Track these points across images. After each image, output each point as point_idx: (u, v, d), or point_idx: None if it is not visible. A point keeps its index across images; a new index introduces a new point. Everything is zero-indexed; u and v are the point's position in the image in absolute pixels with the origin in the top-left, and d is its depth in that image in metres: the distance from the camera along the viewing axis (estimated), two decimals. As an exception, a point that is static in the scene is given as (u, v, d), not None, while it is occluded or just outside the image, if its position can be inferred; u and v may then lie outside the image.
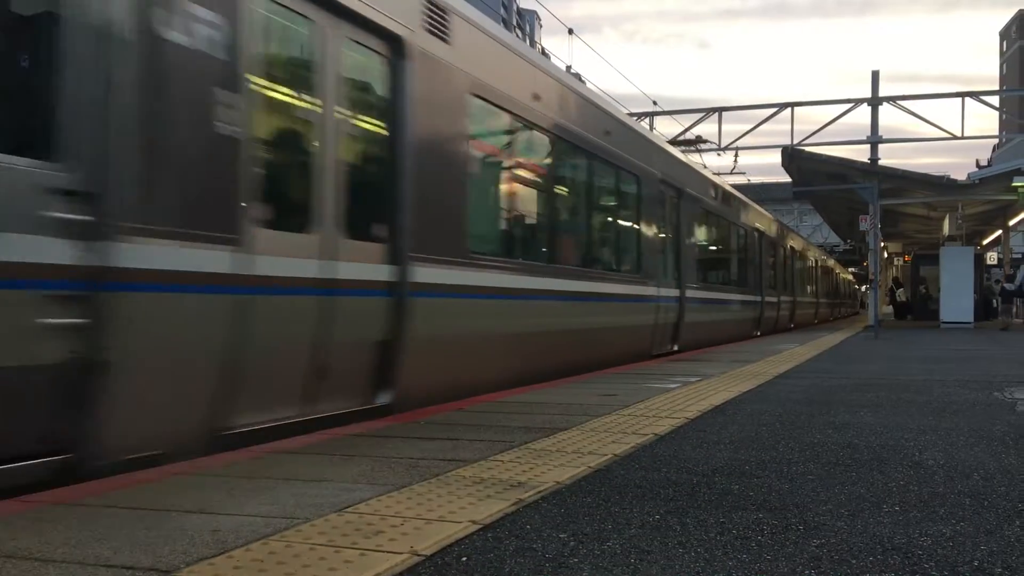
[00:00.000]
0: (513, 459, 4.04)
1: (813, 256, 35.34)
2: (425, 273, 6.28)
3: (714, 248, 18.01)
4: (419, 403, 6.09)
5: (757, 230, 21.48)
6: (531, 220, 9.04)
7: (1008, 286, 25.01)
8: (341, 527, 2.81)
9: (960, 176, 24.51)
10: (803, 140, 26.42)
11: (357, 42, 5.69)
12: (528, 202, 9.01)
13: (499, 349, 7.70)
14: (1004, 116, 33.80)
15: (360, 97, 5.97)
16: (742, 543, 2.71)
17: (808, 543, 2.71)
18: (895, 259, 46.30)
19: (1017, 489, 3.48)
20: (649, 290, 12.07)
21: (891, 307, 40.38)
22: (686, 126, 28.09)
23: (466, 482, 3.52)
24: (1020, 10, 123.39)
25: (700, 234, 16.09)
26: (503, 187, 8.46)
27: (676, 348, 13.33)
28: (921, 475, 3.77)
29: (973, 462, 4.08)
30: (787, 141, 26.05)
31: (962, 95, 25.86)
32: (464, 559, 2.53)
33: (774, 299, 23.33)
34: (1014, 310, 24.37)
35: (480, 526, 2.85)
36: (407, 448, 4.34)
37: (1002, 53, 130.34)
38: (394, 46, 6.02)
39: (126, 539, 2.68)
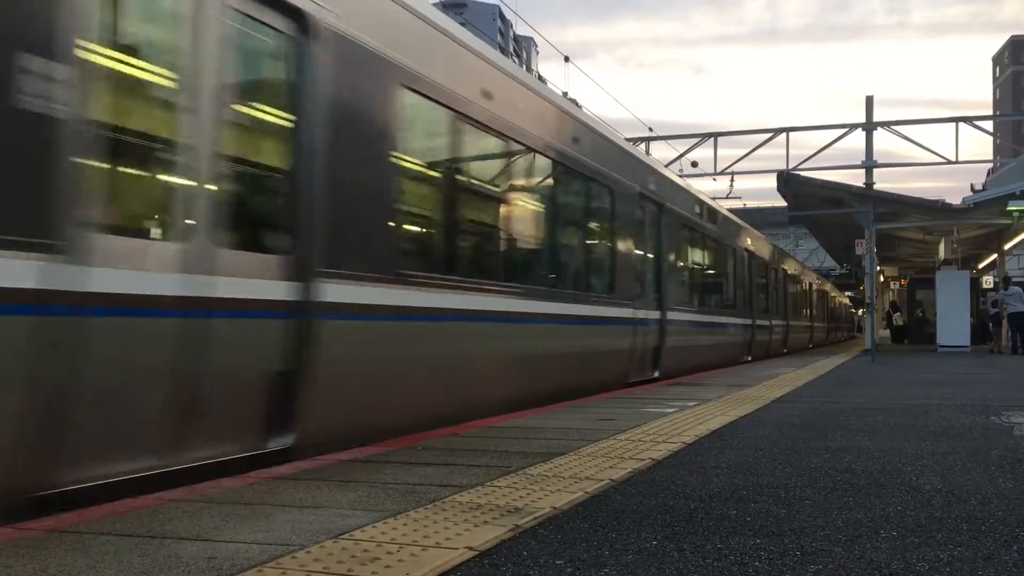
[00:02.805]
0: (510, 484, 4.03)
1: (808, 279, 34.25)
2: (337, 291, 5.35)
3: (701, 268, 16.99)
4: (330, 445, 5.15)
5: (748, 251, 20.75)
6: (478, 232, 8.16)
7: (994, 310, 25.08)
8: (336, 554, 2.80)
9: (955, 200, 24.60)
10: (798, 165, 26.56)
11: (246, 14, 4.83)
12: (477, 212, 8.13)
13: (434, 379, 6.77)
14: (998, 141, 34.02)
15: (250, 79, 5.14)
16: (739, 569, 2.70)
17: (805, 569, 2.70)
18: (891, 283, 46.38)
19: (1015, 514, 3.48)
20: (624, 311, 11.22)
21: (888, 331, 40.42)
22: (682, 151, 28.24)
23: (463, 508, 3.50)
24: (1012, 36, 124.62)
25: (685, 252, 15.26)
26: (443, 195, 7.49)
27: (657, 375, 12.53)
28: (918, 500, 3.76)
29: (970, 487, 4.07)
30: (782, 166, 26.19)
31: (956, 120, 26.04)
32: (460, 586, 2.52)
33: (766, 323, 22.62)
34: (1003, 333, 24.36)
35: (477, 552, 2.84)
36: (403, 474, 4.32)
37: (995, 78, 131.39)
38: (299, 23, 5.18)
39: (121, 567, 2.66)
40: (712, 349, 16.57)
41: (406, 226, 6.65)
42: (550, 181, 9.41)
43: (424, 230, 7.30)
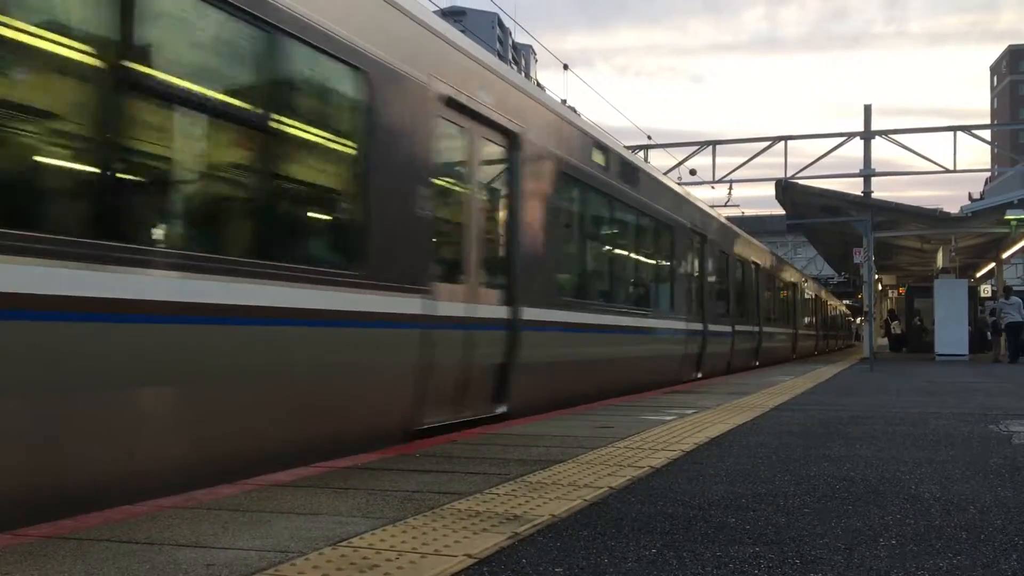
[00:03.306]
0: (509, 492, 4.02)
1: (789, 278, 28.89)
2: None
3: (610, 248, 11.78)
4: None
5: (696, 231, 15.52)
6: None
7: (991, 318, 25.15)
8: (335, 561, 2.79)
9: (953, 209, 24.72)
10: (797, 173, 26.67)
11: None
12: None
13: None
14: (996, 149, 34.10)
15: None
16: (739, 577, 2.70)
17: (805, 577, 2.70)
18: (889, 291, 46.43)
19: (1014, 523, 3.48)
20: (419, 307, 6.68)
21: (886, 339, 40.45)
22: (680, 159, 28.29)
23: (462, 515, 3.50)
24: (1010, 46, 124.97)
25: (562, 213, 9.67)
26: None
27: (503, 410, 7.84)
28: (918, 508, 3.76)
29: (969, 495, 4.07)
30: (781, 174, 26.31)
31: (954, 129, 26.15)
32: (459, 593, 2.51)
33: (725, 328, 17.69)
34: (1001, 342, 24.42)
35: (475, 560, 2.84)
36: (402, 481, 4.32)
37: (993, 88, 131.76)
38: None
39: (119, 573, 2.66)
40: (624, 364, 11.38)
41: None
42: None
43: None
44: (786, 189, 24.24)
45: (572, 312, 9.48)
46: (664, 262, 13.93)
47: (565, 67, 24.71)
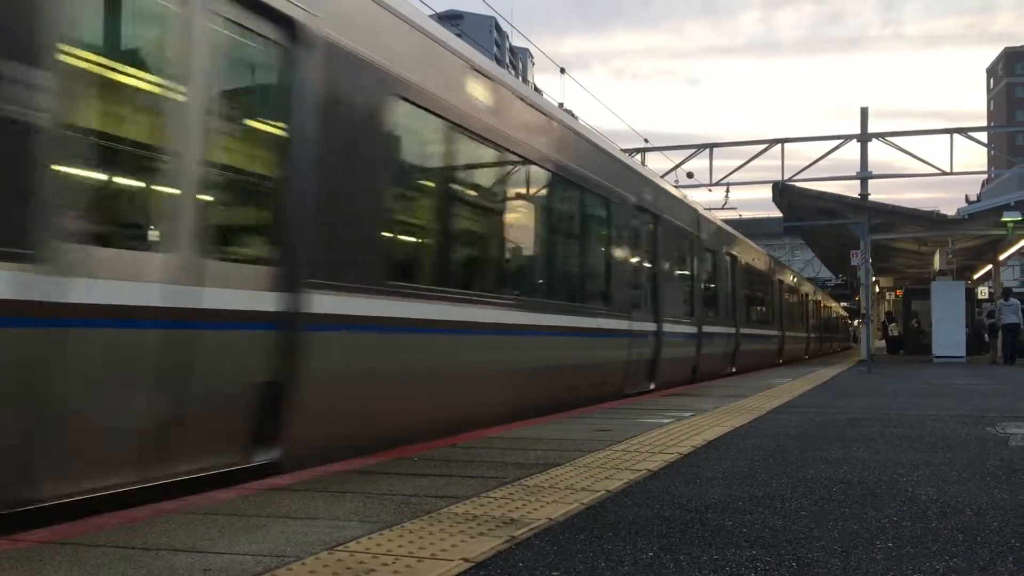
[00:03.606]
0: (506, 495, 4.02)
1: (775, 274, 25.74)
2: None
3: (492, 215, 8.55)
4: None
5: (645, 208, 12.57)
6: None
7: (989, 321, 25.19)
8: (332, 566, 2.79)
9: (950, 211, 24.72)
10: (794, 176, 26.70)
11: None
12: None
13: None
14: (992, 152, 34.16)
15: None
16: (735, 580, 2.70)
17: (802, 580, 2.70)
18: (887, 293, 46.47)
19: (1010, 525, 3.48)
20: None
21: (884, 341, 40.48)
22: (677, 162, 28.32)
23: (458, 519, 3.50)
24: (1006, 48, 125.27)
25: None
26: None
27: (269, 459, 5.34)
28: (914, 511, 3.76)
29: (966, 497, 4.07)
30: (778, 176, 26.34)
31: (951, 131, 26.20)
32: (456, 597, 2.51)
33: (688, 329, 14.73)
34: (998, 343, 24.47)
35: (472, 564, 2.84)
36: (399, 485, 4.32)
37: (989, 90, 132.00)
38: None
39: (115, 578, 2.65)
40: (505, 379, 8.19)
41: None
42: None
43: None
44: (783, 192, 24.29)
45: (406, 302, 6.33)
46: (592, 243, 10.92)
47: (562, 70, 24.72)
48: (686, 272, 15.33)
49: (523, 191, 9.04)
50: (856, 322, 62.55)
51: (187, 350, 4.38)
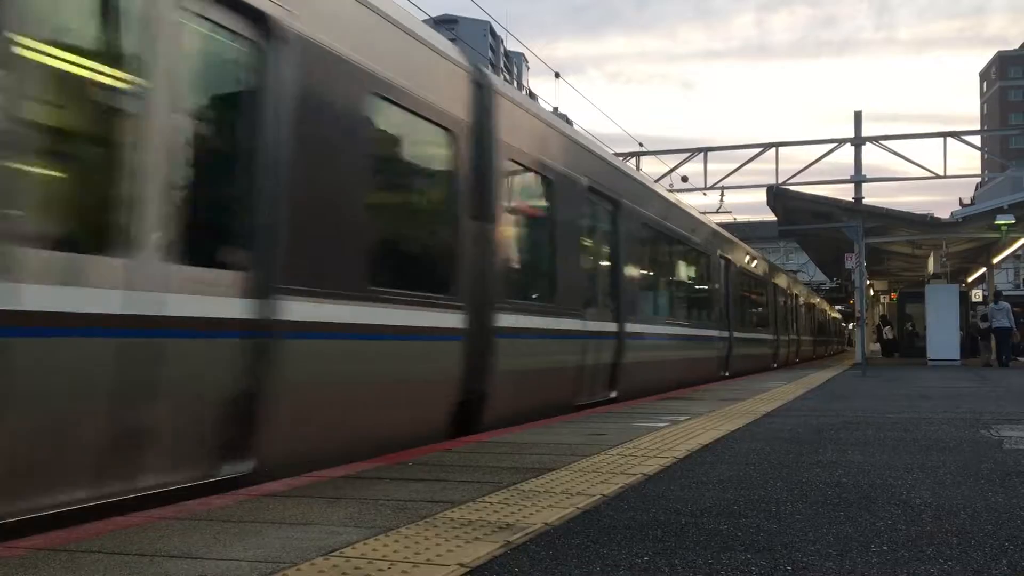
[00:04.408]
0: (502, 500, 4.02)
1: (756, 267, 23.47)
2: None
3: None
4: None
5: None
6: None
7: (983, 324, 25.25)
8: (327, 571, 2.79)
9: (943, 214, 24.75)
10: (788, 179, 26.71)
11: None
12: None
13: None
14: (986, 155, 34.26)
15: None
16: (731, 584, 2.70)
17: (797, 584, 2.70)
18: (881, 297, 46.56)
19: (1004, 528, 3.49)
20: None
21: (878, 344, 40.54)
22: (672, 166, 28.36)
23: (454, 524, 3.50)
24: (999, 52, 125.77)
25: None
26: None
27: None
28: (909, 514, 3.77)
29: (960, 500, 4.08)
30: (772, 180, 26.34)
31: (944, 135, 26.24)
32: (452, 603, 2.51)
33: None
34: (991, 346, 24.54)
35: (468, 569, 2.84)
36: (394, 490, 4.31)
37: (982, 93, 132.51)
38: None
39: (110, 585, 2.65)
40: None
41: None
42: None
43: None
44: (777, 196, 24.32)
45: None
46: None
47: (556, 75, 24.77)
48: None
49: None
50: (851, 325, 62.71)
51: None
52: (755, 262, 22.84)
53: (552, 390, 9.27)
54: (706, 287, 17.05)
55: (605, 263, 11.34)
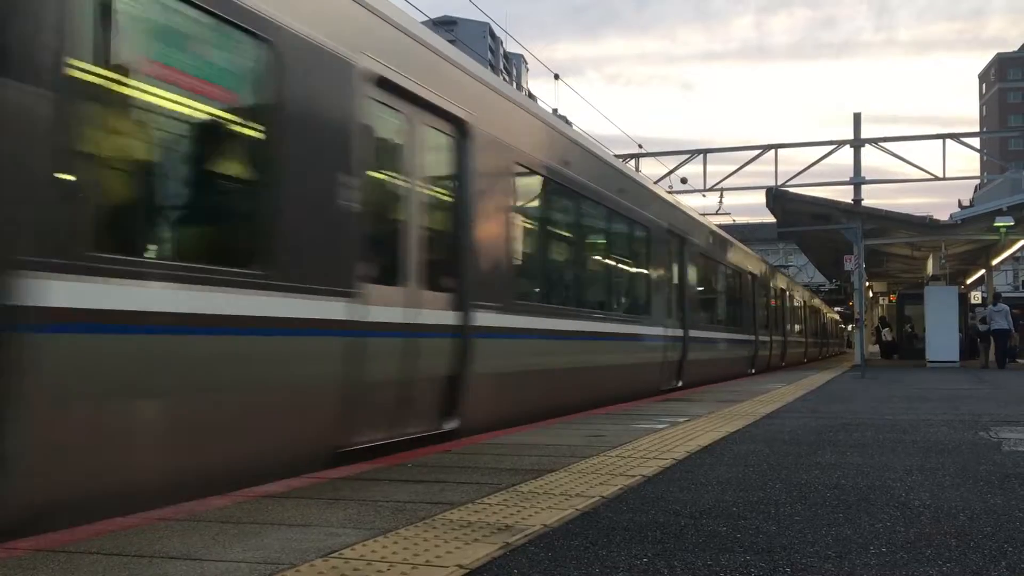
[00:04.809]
0: (501, 502, 4.02)
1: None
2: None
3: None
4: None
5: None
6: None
7: (982, 327, 25.26)
8: (326, 573, 2.79)
9: (942, 216, 24.83)
10: (787, 181, 26.76)
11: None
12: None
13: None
14: (985, 157, 34.30)
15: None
16: (730, 586, 2.70)
17: (795, 586, 2.70)
18: (880, 298, 46.57)
19: (1003, 529, 3.49)
20: None
21: (877, 346, 40.56)
22: (671, 168, 28.38)
23: (453, 525, 3.50)
24: (998, 53, 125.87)
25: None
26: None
27: None
28: (908, 516, 3.77)
29: (959, 502, 4.09)
30: (771, 182, 26.40)
31: (943, 137, 26.28)
32: (451, 604, 2.51)
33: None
34: (990, 348, 24.55)
35: (467, 571, 2.84)
36: (393, 491, 4.31)
37: (982, 95, 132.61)
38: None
39: (109, 586, 2.65)
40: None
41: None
42: None
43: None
44: (777, 197, 24.32)
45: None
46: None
47: (556, 76, 24.79)
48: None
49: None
50: (850, 327, 62.72)
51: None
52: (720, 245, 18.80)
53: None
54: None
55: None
